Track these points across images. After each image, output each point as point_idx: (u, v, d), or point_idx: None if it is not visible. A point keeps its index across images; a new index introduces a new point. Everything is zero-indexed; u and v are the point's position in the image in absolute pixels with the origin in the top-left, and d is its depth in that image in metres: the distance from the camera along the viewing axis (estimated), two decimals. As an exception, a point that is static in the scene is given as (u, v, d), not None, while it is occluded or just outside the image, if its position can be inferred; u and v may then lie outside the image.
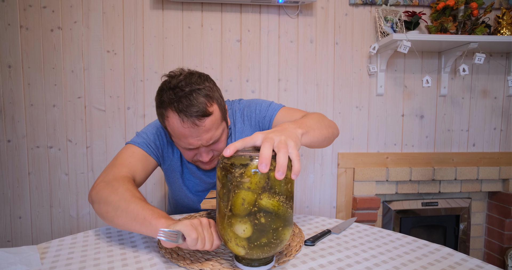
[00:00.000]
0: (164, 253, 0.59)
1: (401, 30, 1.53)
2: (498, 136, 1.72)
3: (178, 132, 0.73)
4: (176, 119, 0.71)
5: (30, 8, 1.39)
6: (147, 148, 0.82)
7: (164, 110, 0.74)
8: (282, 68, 1.57)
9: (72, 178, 1.46)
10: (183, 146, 0.77)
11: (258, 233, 0.48)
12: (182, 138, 0.74)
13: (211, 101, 0.74)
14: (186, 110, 0.69)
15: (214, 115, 0.74)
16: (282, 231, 0.49)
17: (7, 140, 1.41)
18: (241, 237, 0.48)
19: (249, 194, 0.47)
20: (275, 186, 0.47)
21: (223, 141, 0.80)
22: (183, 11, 1.48)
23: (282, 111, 0.88)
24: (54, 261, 0.58)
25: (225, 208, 0.49)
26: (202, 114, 0.70)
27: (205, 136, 0.74)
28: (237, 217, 0.48)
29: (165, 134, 0.87)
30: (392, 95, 1.64)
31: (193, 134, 0.73)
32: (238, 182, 0.47)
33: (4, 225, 1.44)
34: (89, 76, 1.45)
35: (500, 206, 1.67)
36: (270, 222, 0.48)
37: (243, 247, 0.49)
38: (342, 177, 1.62)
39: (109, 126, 1.47)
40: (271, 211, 0.47)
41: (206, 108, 0.71)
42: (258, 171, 0.45)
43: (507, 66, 1.69)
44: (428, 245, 0.64)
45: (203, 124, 0.72)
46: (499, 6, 1.63)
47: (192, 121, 0.70)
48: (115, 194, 0.65)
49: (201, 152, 0.78)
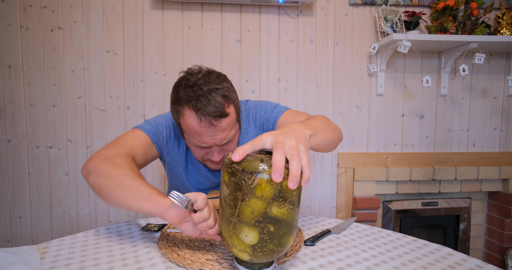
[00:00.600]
0: (164, 254, 0.59)
1: (401, 30, 1.53)
2: (498, 136, 1.72)
3: (194, 130, 0.73)
4: (193, 117, 0.71)
5: (30, 8, 1.39)
6: (153, 136, 0.82)
7: (181, 107, 0.73)
8: (282, 68, 1.57)
9: (72, 178, 1.46)
10: (196, 144, 0.76)
11: (264, 241, 0.47)
12: (196, 136, 0.74)
13: (228, 102, 0.74)
14: (204, 110, 0.69)
15: (231, 116, 0.74)
16: (288, 237, 0.49)
17: (7, 140, 1.41)
18: (247, 244, 0.47)
19: (260, 202, 0.45)
20: (286, 195, 0.46)
21: (235, 142, 0.80)
22: (183, 11, 1.48)
23: (287, 113, 0.88)
24: (54, 261, 0.58)
25: (231, 215, 0.47)
26: (219, 114, 0.71)
27: (219, 136, 0.74)
28: (245, 225, 0.46)
29: (173, 128, 0.87)
30: (392, 95, 1.64)
31: (208, 133, 0.73)
32: (248, 190, 0.44)
33: (4, 225, 1.44)
34: (89, 76, 1.45)
35: (500, 206, 1.67)
36: (278, 230, 0.47)
37: (247, 253, 0.48)
38: (342, 177, 1.62)
39: (109, 126, 1.47)
40: (280, 219, 0.46)
41: (223, 108, 0.71)
42: (270, 179, 0.43)
43: (507, 66, 1.69)
44: (428, 245, 0.64)
45: (219, 124, 0.72)
46: (499, 6, 1.63)
47: (209, 121, 0.70)
48: (119, 169, 0.64)
49: (213, 152, 0.78)
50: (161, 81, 1.49)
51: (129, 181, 0.61)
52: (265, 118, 0.90)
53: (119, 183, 0.61)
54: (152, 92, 1.49)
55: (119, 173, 0.63)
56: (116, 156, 0.69)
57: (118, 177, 0.62)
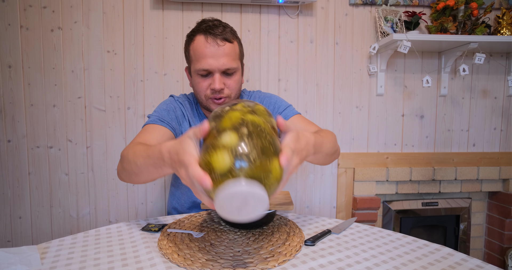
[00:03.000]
0: (164, 254, 0.59)
1: (401, 30, 1.53)
2: (498, 136, 1.72)
3: (200, 50, 0.84)
4: (202, 39, 0.84)
5: (30, 8, 1.39)
6: (161, 122, 0.88)
7: (193, 36, 0.87)
8: (282, 68, 1.57)
9: (72, 178, 1.46)
10: (201, 68, 0.85)
11: (243, 145, 0.45)
12: (201, 60, 0.84)
13: (234, 36, 0.88)
14: (213, 31, 0.84)
15: (234, 46, 0.87)
16: (270, 159, 0.46)
17: (7, 140, 1.41)
18: (226, 144, 0.45)
19: (237, 112, 0.50)
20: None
21: (235, 80, 0.89)
22: (183, 11, 1.48)
23: (298, 118, 0.95)
24: (54, 261, 0.58)
25: (212, 129, 0.50)
26: (225, 38, 0.84)
27: (222, 59, 0.84)
28: (224, 130, 0.47)
29: (176, 107, 0.95)
30: (392, 95, 1.64)
31: (213, 54, 0.83)
32: (226, 112, 0.52)
33: (4, 225, 1.44)
34: (89, 76, 1.45)
35: (500, 206, 1.67)
36: (258, 136, 0.47)
37: (228, 156, 0.44)
38: (342, 177, 1.62)
39: (109, 126, 1.47)
40: (257, 125, 0.49)
41: (229, 36, 0.86)
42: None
43: (507, 66, 1.69)
44: (428, 245, 0.65)
45: (223, 46, 0.84)
46: (499, 6, 1.63)
47: (214, 40, 0.83)
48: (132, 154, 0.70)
49: (215, 79, 0.85)
50: (161, 81, 1.49)
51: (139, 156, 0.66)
52: (276, 112, 0.96)
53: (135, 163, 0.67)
54: (152, 92, 1.49)
55: (133, 156, 0.68)
56: (130, 148, 0.73)
57: (134, 159, 0.68)
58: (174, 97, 1.00)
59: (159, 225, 0.75)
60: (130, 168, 0.69)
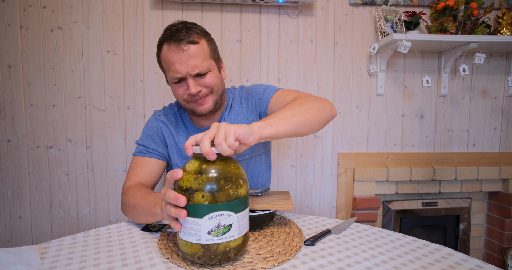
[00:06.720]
0: (164, 254, 0.59)
1: (401, 30, 1.53)
2: (498, 136, 1.72)
3: (168, 59, 0.82)
4: (166, 47, 0.82)
5: (30, 8, 1.39)
6: (147, 153, 0.91)
7: (161, 46, 0.84)
8: (282, 68, 1.57)
9: (72, 178, 1.46)
10: (173, 77, 0.83)
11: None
12: (171, 67, 0.82)
13: (200, 35, 0.83)
14: (175, 37, 0.80)
15: (201, 45, 0.82)
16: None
17: (7, 140, 1.41)
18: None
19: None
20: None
21: (210, 77, 0.85)
22: (183, 11, 1.48)
23: (278, 93, 0.90)
24: (54, 261, 0.58)
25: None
26: (188, 41, 0.80)
27: (190, 63, 0.80)
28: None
29: (158, 129, 0.96)
30: (392, 95, 1.64)
31: (180, 60, 0.80)
32: None
33: (4, 225, 1.44)
34: (89, 76, 1.45)
35: (500, 206, 1.67)
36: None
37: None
38: (342, 177, 1.62)
39: (109, 126, 1.47)
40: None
41: (193, 37, 0.81)
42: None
43: (507, 66, 1.69)
44: (428, 245, 0.65)
45: (188, 50, 0.80)
46: (499, 6, 1.63)
47: (177, 45, 0.80)
48: (129, 198, 0.79)
49: (189, 84, 0.82)
50: (161, 81, 1.49)
51: (138, 206, 0.74)
52: (257, 99, 0.93)
53: (133, 209, 0.76)
54: (152, 92, 1.49)
55: (131, 201, 0.77)
56: (128, 188, 0.82)
57: (132, 206, 0.76)
58: (156, 115, 0.98)
59: (159, 225, 0.75)
60: (131, 212, 0.77)
